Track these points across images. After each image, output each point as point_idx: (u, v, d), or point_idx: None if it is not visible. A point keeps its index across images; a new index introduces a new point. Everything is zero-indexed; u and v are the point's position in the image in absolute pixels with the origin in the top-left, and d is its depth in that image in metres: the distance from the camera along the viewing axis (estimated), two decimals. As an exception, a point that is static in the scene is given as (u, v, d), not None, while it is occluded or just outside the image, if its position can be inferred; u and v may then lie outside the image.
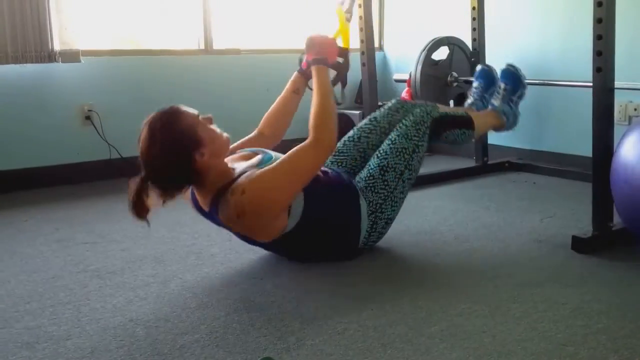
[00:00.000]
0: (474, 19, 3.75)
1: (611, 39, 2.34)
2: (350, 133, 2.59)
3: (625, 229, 2.36)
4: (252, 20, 4.48)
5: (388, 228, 2.39)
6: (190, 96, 4.12)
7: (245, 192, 1.99)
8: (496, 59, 3.96)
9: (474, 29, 3.76)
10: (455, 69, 3.70)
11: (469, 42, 3.79)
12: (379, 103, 2.86)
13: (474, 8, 3.74)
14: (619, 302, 1.89)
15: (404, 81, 3.75)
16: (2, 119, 3.55)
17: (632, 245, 2.36)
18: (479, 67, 3.16)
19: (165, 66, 4.06)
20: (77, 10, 3.58)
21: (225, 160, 2.17)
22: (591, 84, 2.41)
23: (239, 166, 2.18)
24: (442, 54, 3.71)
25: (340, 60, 2.38)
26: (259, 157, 2.23)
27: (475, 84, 3.11)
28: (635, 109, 3.47)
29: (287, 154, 2.11)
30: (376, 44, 4.70)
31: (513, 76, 2.98)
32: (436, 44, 3.66)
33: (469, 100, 3.09)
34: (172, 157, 1.99)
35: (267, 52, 4.47)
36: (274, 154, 2.25)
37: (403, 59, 4.82)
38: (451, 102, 3.85)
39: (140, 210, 1.97)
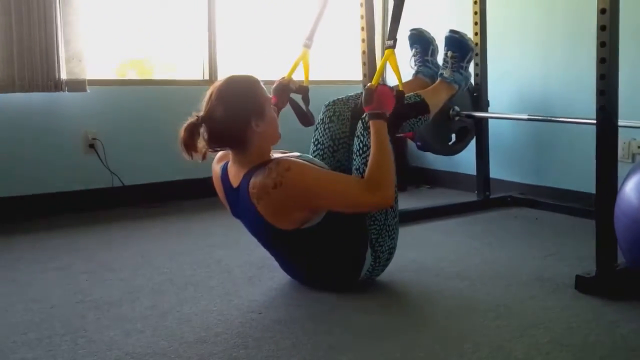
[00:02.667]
0: (476, 54, 3.77)
1: (614, 79, 2.33)
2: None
3: (629, 269, 2.34)
4: (257, 51, 4.51)
5: (392, 257, 2.38)
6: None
7: (291, 170, 2.08)
8: (499, 94, 3.99)
9: (476, 64, 3.77)
10: (457, 104, 3.70)
11: (471, 77, 3.80)
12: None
13: (476, 44, 3.76)
14: (623, 346, 1.86)
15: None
16: (7, 146, 3.55)
17: (636, 286, 2.33)
18: (408, 34, 3.06)
19: (169, 96, 4.07)
20: (85, 40, 3.59)
21: None
22: (594, 121, 2.41)
23: (276, 154, 2.28)
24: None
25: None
26: (296, 153, 2.33)
27: (412, 52, 3.06)
28: (639, 147, 3.46)
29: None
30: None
31: (459, 43, 2.94)
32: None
33: (414, 70, 3.04)
34: (234, 111, 2.12)
35: (271, 84, 4.47)
36: (310, 156, 2.36)
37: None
38: (453, 136, 3.85)
39: (189, 144, 2.10)
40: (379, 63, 2.56)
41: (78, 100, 3.70)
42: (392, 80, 4.41)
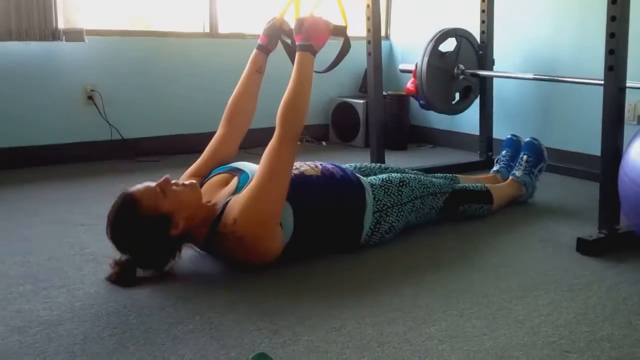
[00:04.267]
0: (483, 11, 3.69)
1: (624, 38, 2.29)
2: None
3: (631, 232, 2.32)
4: (258, 5, 4.42)
5: (390, 236, 2.37)
6: (193, 80, 4.09)
7: (237, 220, 1.96)
8: (504, 53, 3.92)
9: (482, 22, 3.70)
10: (462, 62, 3.65)
11: (477, 35, 3.74)
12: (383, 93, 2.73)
13: (483, 0, 3.68)
14: (624, 308, 1.85)
15: (409, 71, 3.69)
16: (4, 97, 3.51)
17: (638, 249, 2.31)
18: (507, 137, 3.21)
19: (169, 48, 4.01)
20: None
21: (204, 192, 2.12)
22: (602, 82, 2.36)
23: (219, 197, 2.12)
24: (449, 45, 3.65)
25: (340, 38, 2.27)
26: (234, 180, 2.16)
27: (502, 152, 3.16)
28: (644, 109, 3.42)
29: (260, 164, 2.05)
30: (382, 33, 4.64)
31: (536, 149, 3.01)
32: (444, 35, 3.60)
33: (495, 167, 3.15)
34: (150, 246, 1.97)
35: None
36: (248, 169, 2.18)
37: (409, 49, 4.77)
38: (457, 95, 3.80)
39: (129, 283, 1.97)
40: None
41: (76, 51, 3.65)
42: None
